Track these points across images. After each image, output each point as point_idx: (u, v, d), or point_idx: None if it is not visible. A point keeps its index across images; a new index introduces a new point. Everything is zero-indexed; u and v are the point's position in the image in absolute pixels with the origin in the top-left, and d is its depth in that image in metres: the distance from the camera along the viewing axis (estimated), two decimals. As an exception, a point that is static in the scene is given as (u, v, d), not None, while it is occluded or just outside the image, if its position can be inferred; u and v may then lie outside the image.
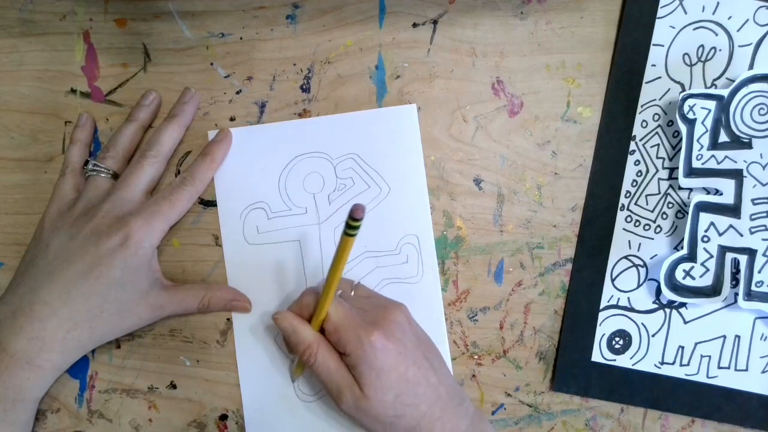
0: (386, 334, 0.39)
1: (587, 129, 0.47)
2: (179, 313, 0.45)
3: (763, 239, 0.44)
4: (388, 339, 0.39)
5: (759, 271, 0.44)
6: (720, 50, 0.46)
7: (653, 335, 0.46)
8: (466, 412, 0.41)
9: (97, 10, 0.47)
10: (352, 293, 0.44)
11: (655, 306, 0.46)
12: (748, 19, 0.45)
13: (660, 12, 0.46)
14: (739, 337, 0.46)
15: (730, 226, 0.44)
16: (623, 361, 0.46)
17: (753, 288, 0.44)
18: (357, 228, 0.34)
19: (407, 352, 0.40)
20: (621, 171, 0.46)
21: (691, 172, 0.45)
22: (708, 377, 0.46)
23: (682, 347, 0.46)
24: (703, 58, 0.46)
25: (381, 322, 0.40)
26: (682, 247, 0.44)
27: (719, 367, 0.46)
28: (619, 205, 0.46)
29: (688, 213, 0.44)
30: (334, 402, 0.41)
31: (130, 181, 0.43)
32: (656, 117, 0.46)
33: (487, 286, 0.47)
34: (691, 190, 0.46)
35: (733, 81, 0.44)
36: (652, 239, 0.46)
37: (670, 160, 0.46)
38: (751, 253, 0.44)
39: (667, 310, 0.46)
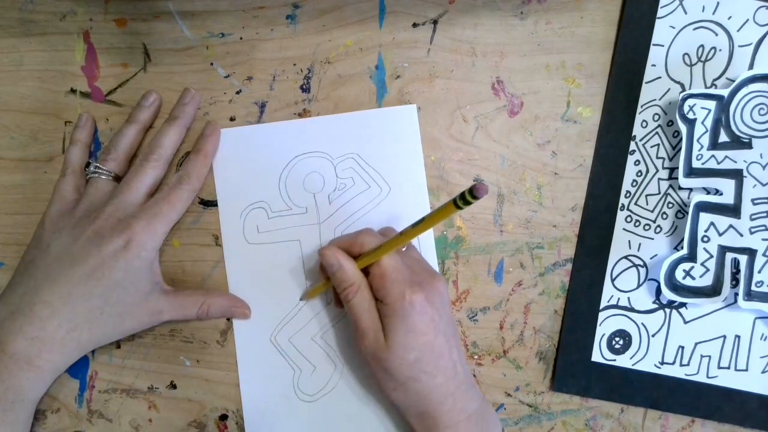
0: (428, 298, 0.39)
1: (587, 129, 0.47)
2: (178, 318, 0.45)
3: (763, 239, 0.44)
4: (428, 303, 0.39)
5: (759, 271, 0.44)
6: (720, 50, 0.46)
7: (653, 335, 0.46)
8: (477, 396, 0.42)
9: (97, 10, 0.47)
10: (404, 249, 0.44)
11: (655, 306, 0.46)
12: (748, 19, 0.45)
13: (660, 12, 0.46)
14: (739, 337, 0.46)
15: (730, 226, 0.44)
16: (623, 361, 0.46)
17: (753, 288, 0.44)
18: (468, 204, 0.32)
19: (441, 322, 0.40)
20: (621, 171, 0.46)
21: (691, 172, 0.45)
22: (708, 377, 0.46)
23: (682, 347, 0.46)
24: (703, 58, 0.46)
25: (426, 286, 0.40)
26: (682, 247, 0.44)
27: (719, 367, 0.46)
28: (619, 205, 0.46)
29: (688, 213, 0.44)
30: (355, 342, 0.41)
31: (133, 185, 0.43)
32: (656, 117, 0.46)
33: (487, 286, 0.47)
34: (691, 190, 0.46)
35: (733, 81, 0.44)
36: (652, 239, 0.46)
37: (670, 160, 0.46)
38: (751, 253, 0.44)
39: (667, 310, 0.46)
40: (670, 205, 0.46)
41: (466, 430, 0.40)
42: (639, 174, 0.46)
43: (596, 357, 0.46)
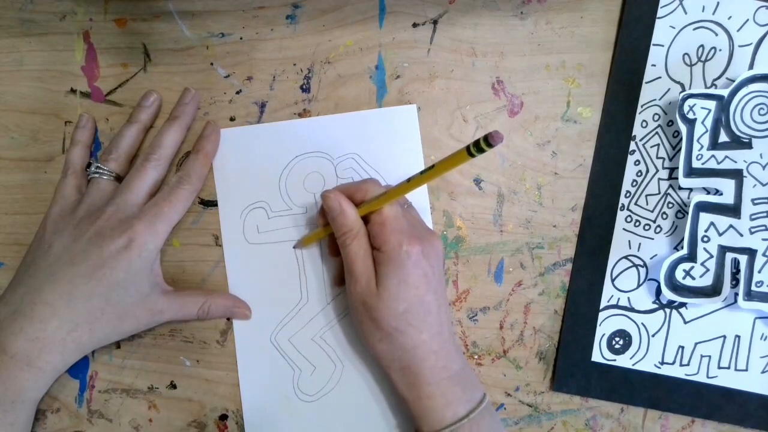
0: (424, 252, 0.40)
1: (587, 129, 0.47)
2: (178, 318, 0.45)
3: (763, 239, 0.44)
4: (423, 257, 0.39)
5: (759, 271, 0.44)
6: (720, 50, 0.46)
7: (653, 335, 0.46)
8: (460, 358, 0.42)
9: (97, 10, 0.47)
10: (405, 207, 0.44)
11: (655, 306, 0.46)
12: (748, 19, 0.45)
13: (660, 12, 0.46)
14: (739, 337, 0.46)
15: (730, 226, 0.44)
16: (623, 361, 0.46)
17: (753, 288, 0.44)
18: (482, 152, 0.31)
19: (433, 278, 0.40)
20: (621, 171, 0.46)
21: (691, 172, 0.45)
22: (708, 377, 0.46)
23: (682, 347, 0.46)
24: (703, 58, 0.46)
25: (424, 241, 0.40)
26: (682, 247, 0.44)
27: (719, 367, 0.46)
28: (619, 205, 0.46)
29: (688, 213, 0.44)
30: (347, 288, 0.41)
31: (134, 185, 0.43)
32: (656, 117, 0.46)
33: (487, 286, 0.47)
34: (691, 190, 0.46)
35: (733, 81, 0.44)
36: (652, 239, 0.46)
37: (670, 160, 0.46)
38: (751, 253, 0.44)
39: (667, 310, 0.46)
40: (670, 205, 0.46)
41: (447, 388, 0.40)
42: (639, 174, 0.46)
43: (596, 357, 0.46)
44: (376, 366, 0.45)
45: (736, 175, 0.44)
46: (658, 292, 0.46)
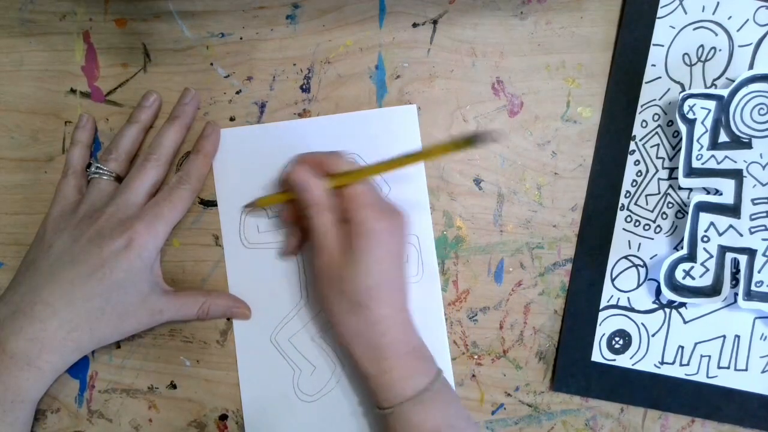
0: (391, 228, 0.40)
1: (587, 129, 0.47)
2: (178, 318, 0.45)
3: (763, 239, 0.44)
4: (390, 234, 0.40)
5: (759, 271, 0.44)
6: (720, 50, 0.46)
7: (653, 335, 0.46)
8: (417, 333, 0.42)
9: (97, 10, 0.47)
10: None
11: (655, 306, 0.46)
12: (748, 19, 0.45)
13: (660, 12, 0.46)
14: (738, 337, 0.46)
15: (730, 226, 0.44)
16: (623, 361, 0.46)
17: (753, 288, 0.44)
18: (472, 145, 0.34)
19: (399, 255, 0.41)
20: (621, 171, 0.46)
21: (691, 172, 0.45)
22: (708, 377, 0.46)
23: (682, 347, 0.46)
24: (703, 58, 0.46)
25: (392, 218, 0.41)
26: (682, 247, 0.44)
27: (719, 367, 0.46)
28: (619, 205, 0.46)
29: (688, 213, 0.44)
30: (313, 258, 0.41)
31: (134, 185, 0.43)
32: (656, 117, 0.46)
33: (487, 286, 0.47)
34: (691, 190, 0.46)
35: (733, 81, 0.44)
36: (652, 239, 0.46)
37: (670, 160, 0.46)
38: (751, 253, 0.44)
39: (667, 310, 0.46)
40: (670, 205, 0.46)
41: (407, 362, 0.40)
42: (639, 174, 0.46)
43: (596, 357, 0.46)
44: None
45: (736, 175, 0.44)
46: (658, 292, 0.46)
